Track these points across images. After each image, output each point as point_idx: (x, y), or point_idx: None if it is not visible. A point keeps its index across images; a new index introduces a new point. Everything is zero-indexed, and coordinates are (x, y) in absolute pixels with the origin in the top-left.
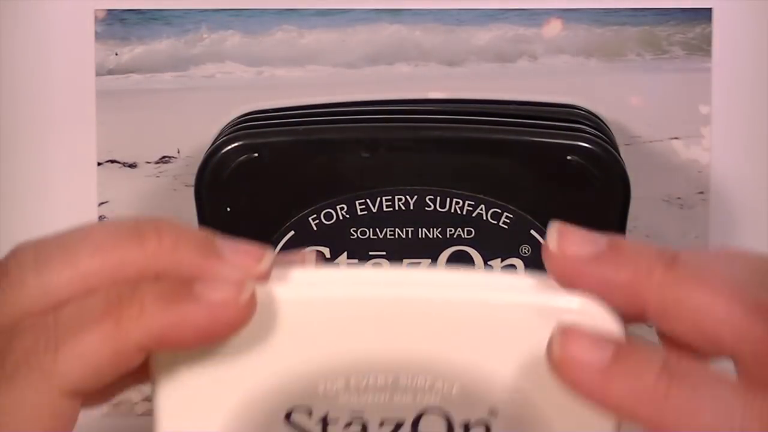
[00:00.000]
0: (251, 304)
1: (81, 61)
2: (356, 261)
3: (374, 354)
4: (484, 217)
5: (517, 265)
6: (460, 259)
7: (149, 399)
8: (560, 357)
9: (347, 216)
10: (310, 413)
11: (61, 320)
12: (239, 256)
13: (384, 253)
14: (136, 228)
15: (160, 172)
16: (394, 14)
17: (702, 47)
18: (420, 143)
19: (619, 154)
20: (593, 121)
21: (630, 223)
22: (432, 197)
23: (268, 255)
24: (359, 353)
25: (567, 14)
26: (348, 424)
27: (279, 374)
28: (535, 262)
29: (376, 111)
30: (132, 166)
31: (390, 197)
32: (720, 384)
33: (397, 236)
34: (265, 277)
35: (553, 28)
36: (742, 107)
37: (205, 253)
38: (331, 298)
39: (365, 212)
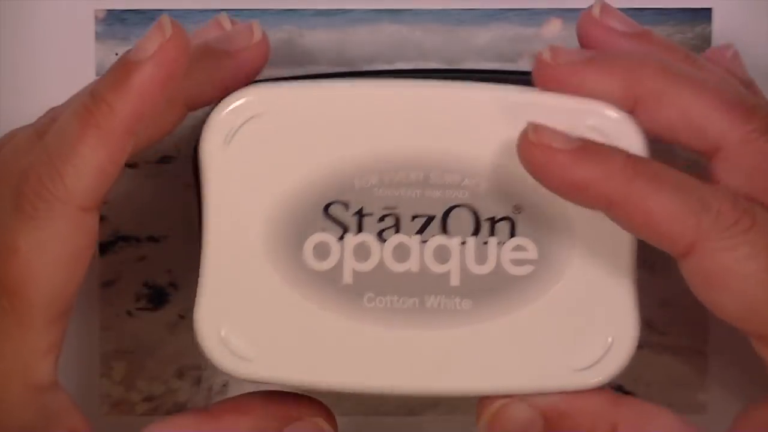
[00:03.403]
0: (179, 34)
1: (81, 61)
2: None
3: (405, 151)
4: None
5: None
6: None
7: (149, 399)
8: (533, 142)
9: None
10: (346, 207)
11: (51, 149)
12: (236, 40)
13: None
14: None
15: (160, 172)
16: (394, 14)
17: (702, 47)
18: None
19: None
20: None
21: None
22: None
23: (255, 24)
24: (391, 151)
25: (567, 14)
26: (381, 219)
27: (316, 170)
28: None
29: (377, 75)
30: (132, 166)
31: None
32: (681, 174)
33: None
34: (264, 41)
35: (553, 28)
36: None
37: (213, 57)
38: (363, 95)
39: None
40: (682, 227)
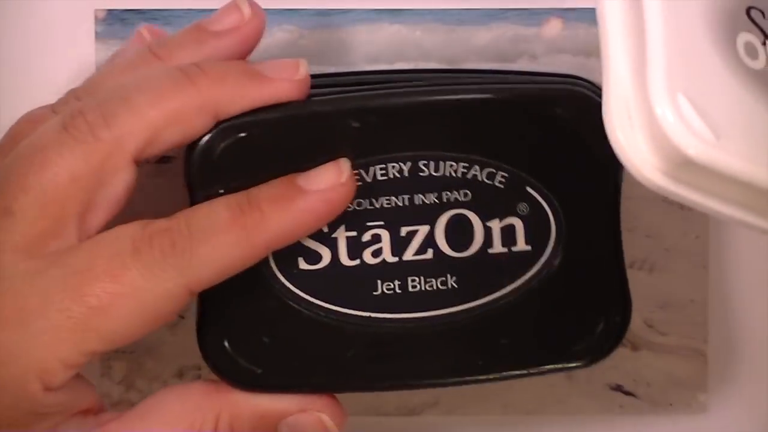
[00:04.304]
0: (351, 181)
1: (81, 61)
2: (354, 233)
3: None
4: (479, 178)
5: (515, 224)
6: (458, 223)
7: None
8: None
9: None
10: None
11: (194, 227)
12: (279, 70)
13: (381, 222)
14: (183, 72)
15: (160, 172)
16: (394, 14)
17: None
18: (409, 109)
19: None
20: (592, 89)
21: (630, 223)
22: (425, 162)
23: (302, 61)
24: None
25: (567, 14)
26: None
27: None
28: (533, 220)
29: (364, 81)
30: None
31: (383, 166)
32: None
33: (393, 204)
34: (306, 81)
35: (553, 27)
36: None
37: (251, 76)
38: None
39: (359, 183)
40: None
